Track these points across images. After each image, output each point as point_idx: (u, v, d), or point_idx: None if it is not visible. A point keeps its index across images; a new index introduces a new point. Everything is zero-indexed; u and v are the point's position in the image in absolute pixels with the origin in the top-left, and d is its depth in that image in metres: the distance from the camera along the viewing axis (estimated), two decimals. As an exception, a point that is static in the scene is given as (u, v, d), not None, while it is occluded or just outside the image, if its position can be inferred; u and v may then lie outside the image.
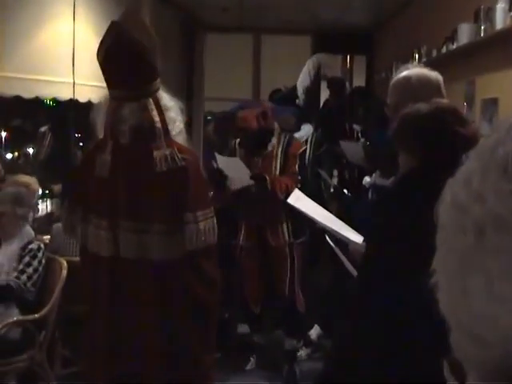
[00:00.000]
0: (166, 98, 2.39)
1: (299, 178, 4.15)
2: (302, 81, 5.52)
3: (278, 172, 4.16)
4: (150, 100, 2.32)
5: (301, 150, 4.34)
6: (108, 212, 2.32)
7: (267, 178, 4.05)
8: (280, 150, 4.22)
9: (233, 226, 4.33)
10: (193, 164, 2.36)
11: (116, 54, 2.27)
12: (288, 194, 3.67)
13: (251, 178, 4.02)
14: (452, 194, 0.57)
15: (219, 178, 4.07)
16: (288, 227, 4.15)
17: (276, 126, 4.31)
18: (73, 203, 2.47)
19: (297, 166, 4.17)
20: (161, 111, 2.33)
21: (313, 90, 6.07)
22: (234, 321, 4.64)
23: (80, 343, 3.85)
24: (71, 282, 3.53)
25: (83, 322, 2.55)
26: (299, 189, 3.93)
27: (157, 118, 2.30)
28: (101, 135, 2.38)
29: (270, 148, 4.23)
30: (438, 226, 0.57)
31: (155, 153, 2.28)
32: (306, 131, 5.58)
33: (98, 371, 2.39)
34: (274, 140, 4.26)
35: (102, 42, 2.32)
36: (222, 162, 4.12)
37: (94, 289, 2.41)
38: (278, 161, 4.19)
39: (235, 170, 4.05)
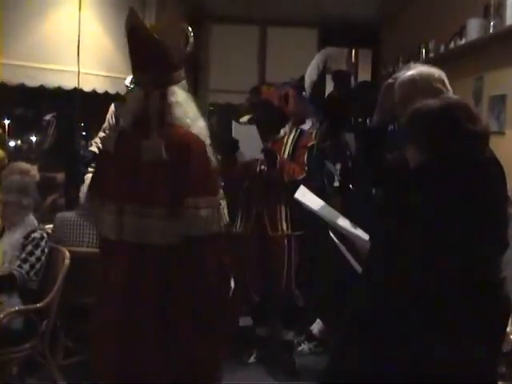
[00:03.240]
0: (178, 95, 2.40)
1: (306, 168, 4.11)
2: (310, 74, 5.48)
3: None
4: (156, 92, 2.35)
5: (311, 143, 4.33)
6: (115, 196, 2.37)
7: (278, 156, 4.02)
8: (291, 139, 4.22)
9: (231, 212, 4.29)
10: (197, 151, 2.36)
11: (131, 38, 2.38)
12: (293, 181, 3.82)
13: (262, 151, 3.98)
14: None
15: (231, 148, 4.01)
16: (287, 218, 4.11)
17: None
18: (92, 191, 2.54)
19: (305, 158, 4.15)
20: (165, 104, 2.35)
21: (319, 84, 6.05)
22: (236, 312, 4.61)
23: (83, 333, 3.88)
24: (74, 271, 3.52)
25: (91, 310, 2.56)
26: (304, 179, 3.94)
27: (155, 108, 2.34)
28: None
29: (281, 133, 4.22)
30: None
31: (146, 142, 2.35)
32: (310, 124, 5.56)
33: (107, 358, 2.38)
34: (287, 128, 4.26)
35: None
36: (237, 131, 4.03)
37: (104, 275, 2.42)
38: (287, 150, 4.18)
39: (249, 140, 3.97)
